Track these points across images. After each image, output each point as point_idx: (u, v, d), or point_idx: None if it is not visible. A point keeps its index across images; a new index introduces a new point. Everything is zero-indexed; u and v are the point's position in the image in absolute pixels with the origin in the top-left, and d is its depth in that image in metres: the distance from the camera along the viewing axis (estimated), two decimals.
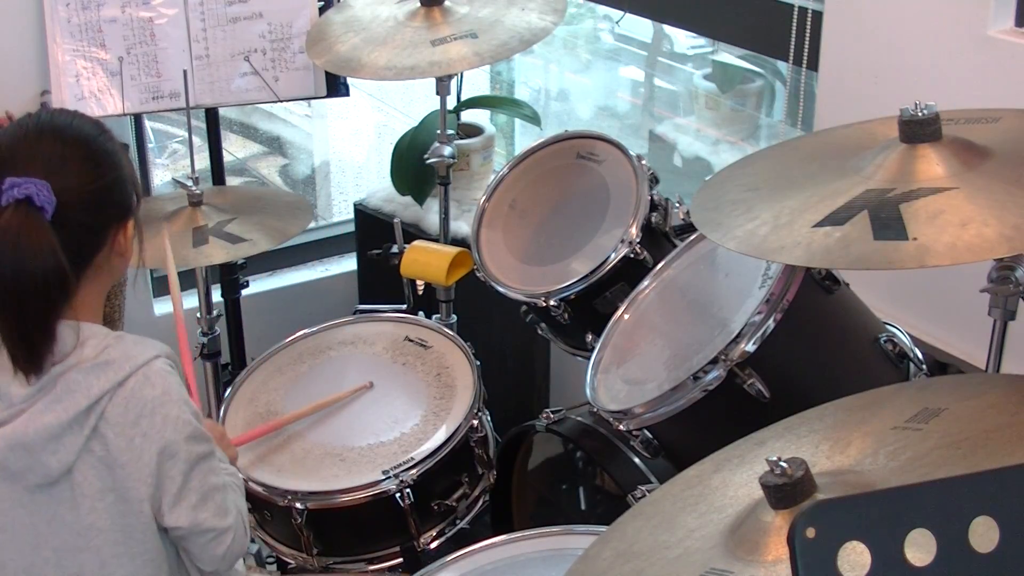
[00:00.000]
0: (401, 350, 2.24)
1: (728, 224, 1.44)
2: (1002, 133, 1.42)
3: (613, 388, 1.84)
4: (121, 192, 1.50)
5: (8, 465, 1.45)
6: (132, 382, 1.44)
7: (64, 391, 1.43)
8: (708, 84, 3.43)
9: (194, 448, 1.49)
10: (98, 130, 1.50)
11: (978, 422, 1.10)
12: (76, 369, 1.43)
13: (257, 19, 2.55)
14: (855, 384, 1.36)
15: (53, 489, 1.46)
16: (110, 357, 1.45)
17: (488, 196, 2.34)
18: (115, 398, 1.44)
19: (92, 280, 1.49)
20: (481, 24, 2.31)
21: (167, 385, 1.47)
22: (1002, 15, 1.86)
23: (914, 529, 0.76)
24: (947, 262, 1.19)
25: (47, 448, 1.43)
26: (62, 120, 1.49)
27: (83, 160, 1.46)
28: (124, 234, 1.51)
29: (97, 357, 1.44)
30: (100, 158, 1.48)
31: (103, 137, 1.50)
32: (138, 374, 1.45)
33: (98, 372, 1.44)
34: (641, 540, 1.16)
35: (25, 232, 1.37)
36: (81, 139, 1.47)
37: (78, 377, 1.43)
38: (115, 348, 1.46)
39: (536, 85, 4.11)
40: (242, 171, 4.38)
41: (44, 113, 1.49)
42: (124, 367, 1.45)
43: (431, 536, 2.03)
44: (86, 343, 1.45)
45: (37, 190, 1.37)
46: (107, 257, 1.50)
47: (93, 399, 1.42)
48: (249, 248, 2.25)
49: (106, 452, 1.45)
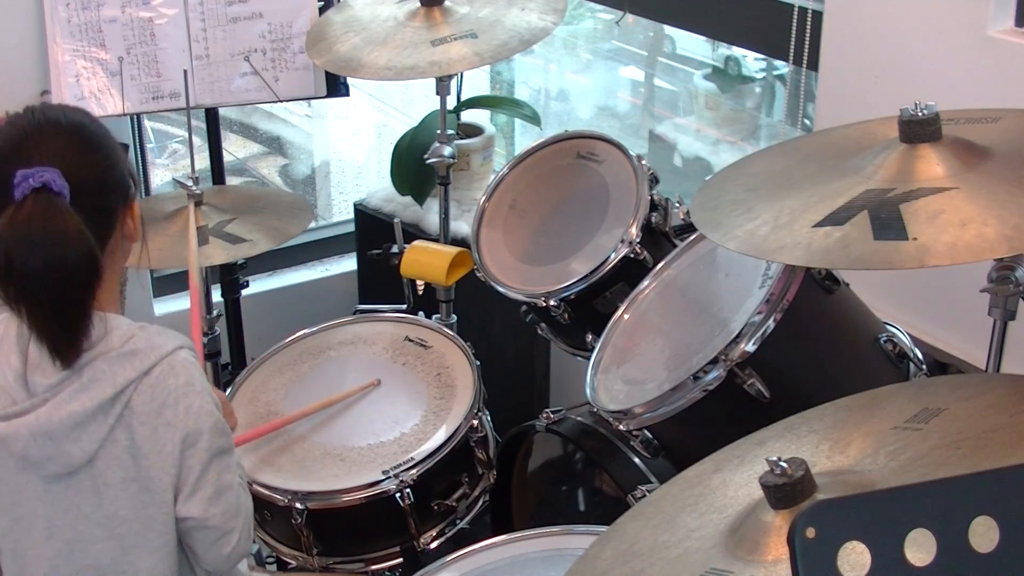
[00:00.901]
0: (401, 350, 2.24)
1: (728, 224, 1.44)
2: (1002, 133, 1.42)
3: (613, 388, 1.84)
4: (122, 174, 1.52)
5: (29, 454, 1.46)
6: (157, 371, 1.47)
7: (90, 380, 1.44)
8: (708, 84, 3.43)
9: (215, 440, 1.51)
10: (88, 118, 1.52)
11: (978, 422, 1.10)
12: (103, 358, 1.45)
13: (257, 19, 2.55)
14: (855, 384, 1.36)
15: (71, 480, 1.48)
16: (136, 346, 1.47)
17: (488, 196, 2.34)
18: (141, 387, 1.46)
19: (109, 266, 1.50)
20: (481, 24, 2.31)
21: (191, 375, 1.49)
22: (1002, 15, 1.86)
23: (914, 529, 0.76)
24: (947, 262, 1.19)
25: (70, 436, 1.45)
26: (53, 113, 1.50)
27: (82, 147, 1.47)
28: (131, 215, 1.53)
29: (123, 346, 1.46)
30: (97, 143, 1.49)
31: (94, 124, 1.52)
32: (163, 363, 1.47)
33: (124, 361, 1.46)
34: (641, 540, 1.16)
35: (52, 218, 1.38)
36: (76, 127, 1.48)
37: (104, 366, 1.45)
38: (140, 337, 1.48)
39: (536, 85, 4.11)
40: (242, 171, 4.38)
41: (34, 109, 1.50)
42: (150, 356, 1.47)
43: (431, 536, 2.03)
44: (112, 332, 1.47)
45: (52, 177, 1.38)
46: (119, 241, 1.52)
47: (119, 388, 1.44)
48: (249, 248, 2.25)
49: (131, 441, 1.46)
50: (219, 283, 2.73)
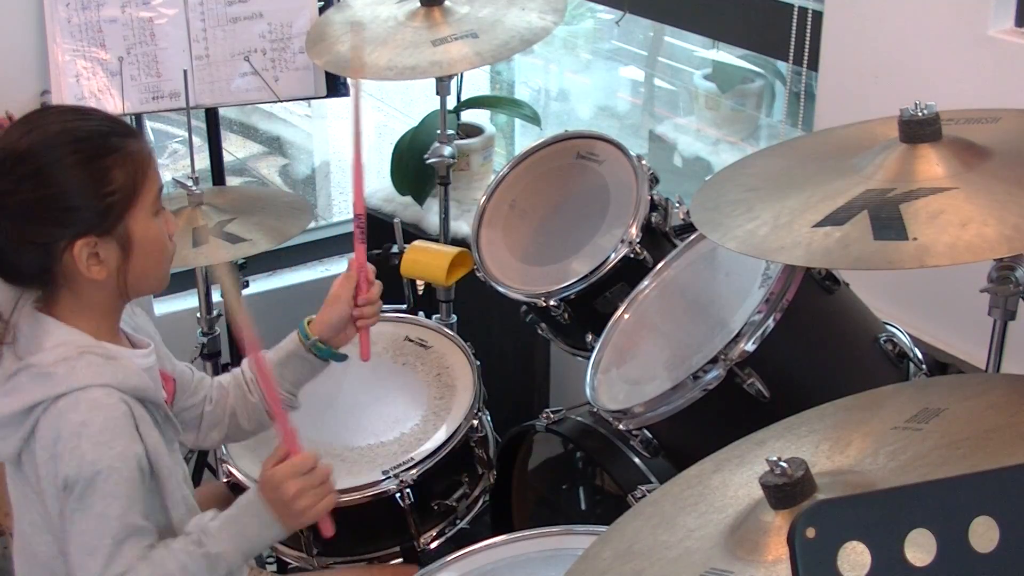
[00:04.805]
0: (401, 350, 2.24)
1: (728, 224, 1.44)
2: (1002, 133, 1.42)
3: (613, 388, 1.85)
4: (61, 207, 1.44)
5: None
6: (63, 402, 1.42)
7: (13, 387, 1.45)
8: (708, 84, 3.43)
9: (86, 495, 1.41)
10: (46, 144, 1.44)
11: (978, 422, 1.10)
12: (28, 371, 1.45)
13: (257, 19, 2.55)
14: (855, 384, 1.36)
15: (18, 471, 1.50)
16: (56, 371, 1.44)
17: (488, 196, 2.34)
18: (48, 412, 1.43)
19: (68, 287, 1.49)
20: (481, 24, 2.31)
21: (91, 417, 1.41)
22: (1002, 15, 1.86)
23: (914, 529, 0.76)
24: (947, 262, 1.19)
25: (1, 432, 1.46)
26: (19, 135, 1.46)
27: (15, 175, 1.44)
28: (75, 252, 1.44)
29: (49, 366, 1.44)
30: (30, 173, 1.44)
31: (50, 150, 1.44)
32: (71, 396, 1.42)
33: (40, 381, 1.44)
34: (641, 540, 1.16)
35: None
36: (21, 154, 1.44)
37: (25, 379, 1.45)
38: (67, 363, 1.44)
39: (536, 85, 4.11)
40: (242, 171, 4.38)
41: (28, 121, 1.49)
42: (61, 385, 1.43)
43: (431, 536, 2.03)
44: (53, 349, 1.45)
45: None
46: (77, 273, 1.46)
47: (28, 404, 1.43)
48: (249, 248, 2.24)
49: (32, 459, 1.46)
50: (219, 283, 2.73)
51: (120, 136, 1.48)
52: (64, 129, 1.45)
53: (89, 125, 1.48)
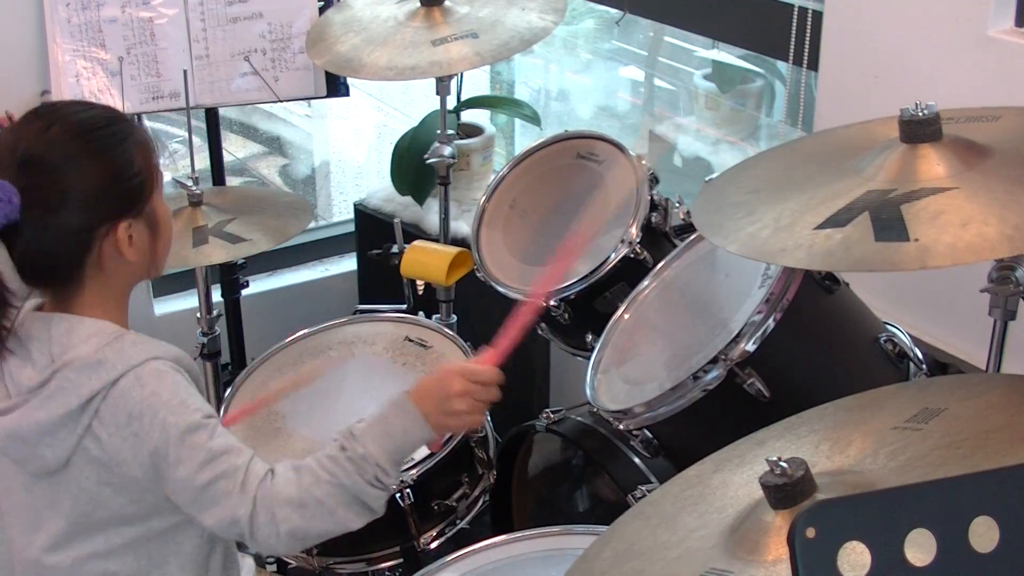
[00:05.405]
0: (401, 350, 2.24)
1: (730, 227, 1.44)
2: (1002, 131, 1.42)
3: (613, 388, 1.84)
4: (89, 195, 1.47)
5: (8, 452, 1.48)
6: (124, 382, 1.43)
7: (57, 388, 1.43)
8: (708, 84, 3.43)
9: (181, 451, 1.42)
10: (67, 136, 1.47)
11: (978, 422, 1.10)
12: (70, 367, 1.44)
13: (257, 19, 2.55)
14: (855, 384, 1.36)
15: (52, 478, 1.48)
16: (104, 356, 1.44)
17: (488, 196, 2.34)
18: (108, 398, 1.43)
19: (95, 278, 1.49)
20: (481, 24, 2.31)
21: (158, 386, 1.44)
22: (1002, 15, 1.86)
23: (914, 529, 0.76)
24: (948, 263, 1.19)
25: (42, 441, 1.44)
26: None
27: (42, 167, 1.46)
28: (117, 235, 1.48)
29: (93, 355, 1.44)
30: (53, 165, 1.47)
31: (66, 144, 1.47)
32: (130, 375, 1.44)
33: (91, 371, 1.43)
34: (641, 540, 1.16)
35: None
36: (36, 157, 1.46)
37: (71, 375, 1.43)
38: (111, 347, 1.45)
39: (536, 85, 4.11)
40: (242, 171, 4.38)
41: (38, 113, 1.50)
42: (117, 367, 1.44)
43: (431, 536, 2.03)
44: (88, 340, 1.45)
45: None
46: (105, 259, 1.48)
47: (84, 398, 1.42)
48: (249, 248, 2.25)
49: (101, 451, 1.44)
50: (219, 283, 2.73)
51: (125, 121, 1.54)
52: (81, 119, 1.49)
53: (99, 113, 1.53)
